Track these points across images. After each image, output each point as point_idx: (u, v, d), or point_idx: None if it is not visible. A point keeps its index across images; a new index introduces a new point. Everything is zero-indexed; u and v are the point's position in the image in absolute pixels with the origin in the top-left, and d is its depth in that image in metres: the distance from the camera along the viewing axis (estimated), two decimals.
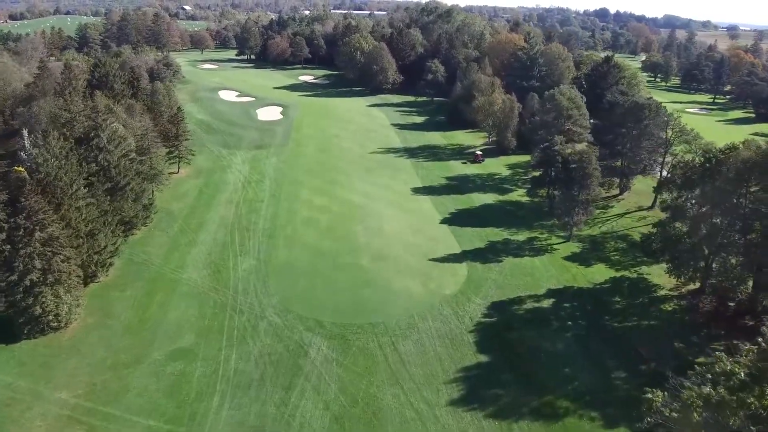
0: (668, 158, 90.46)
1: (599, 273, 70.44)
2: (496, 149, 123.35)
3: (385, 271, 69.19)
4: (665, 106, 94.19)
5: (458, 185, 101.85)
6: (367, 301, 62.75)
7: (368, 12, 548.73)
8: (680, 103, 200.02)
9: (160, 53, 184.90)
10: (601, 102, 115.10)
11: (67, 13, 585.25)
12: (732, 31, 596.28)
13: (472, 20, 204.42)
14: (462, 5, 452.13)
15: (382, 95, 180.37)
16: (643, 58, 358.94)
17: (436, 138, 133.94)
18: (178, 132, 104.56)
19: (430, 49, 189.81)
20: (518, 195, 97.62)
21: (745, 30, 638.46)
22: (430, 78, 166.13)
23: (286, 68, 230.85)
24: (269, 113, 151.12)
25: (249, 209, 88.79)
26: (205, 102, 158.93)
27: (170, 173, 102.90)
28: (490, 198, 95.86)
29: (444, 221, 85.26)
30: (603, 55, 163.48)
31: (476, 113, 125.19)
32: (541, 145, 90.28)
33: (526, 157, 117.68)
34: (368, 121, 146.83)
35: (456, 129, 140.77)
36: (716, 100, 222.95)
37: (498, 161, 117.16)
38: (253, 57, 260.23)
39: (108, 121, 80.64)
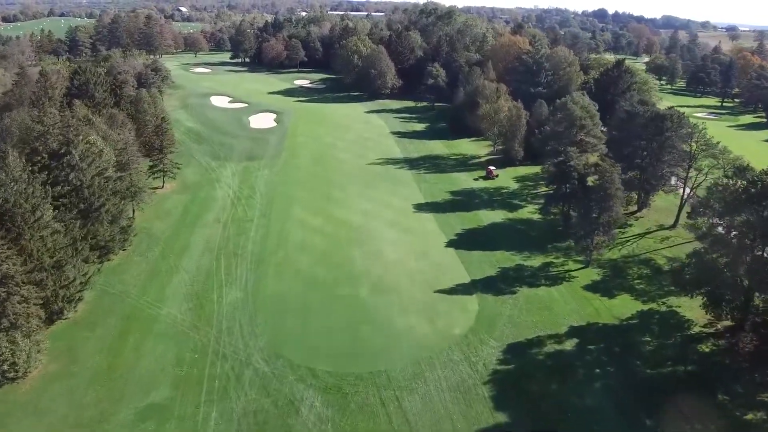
0: (692, 173, 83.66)
1: (624, 306, 63.38)
2: (502, 160, 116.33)
3: (387, 305, 62.01)
4: (688, 117, 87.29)
5: (464, 201, 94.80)
6: (367, 343, 55.58)
7: (366, 13, 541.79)
8: (688, 107, 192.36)
9: (150, 57, 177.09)
10: (612, 109, 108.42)
11: (62, 15, 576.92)
12: (731, 31, 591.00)
13: (473, 22, 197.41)
14: (459, 6, 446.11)
15: (381, 100, 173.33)
16: (646, 59, 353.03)
17: (438, 147, 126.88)
18: (162, 144, 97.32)
19: (430, 52, 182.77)
20: (529, 212, 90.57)
21: (744, 30, 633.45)
22: (430, 83, 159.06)
23: (282, 72, 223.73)
24: (262, 121, 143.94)
25: (237, 230, 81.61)
26: (195, 108, 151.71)
27: (154, 188, 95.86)
28: (498, 215, 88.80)
29: (450, 243, 78.14)
30: (610, 57, 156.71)
31: (481, 121, 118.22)
32: (555, 159, 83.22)
33: (535, 169, 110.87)
34: (366, 129, 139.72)
35: (459, 137, 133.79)
36: (724, 104, 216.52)
37: (505, 173, 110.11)
38: (247, 60, 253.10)
39: (81, 137, 73.24)
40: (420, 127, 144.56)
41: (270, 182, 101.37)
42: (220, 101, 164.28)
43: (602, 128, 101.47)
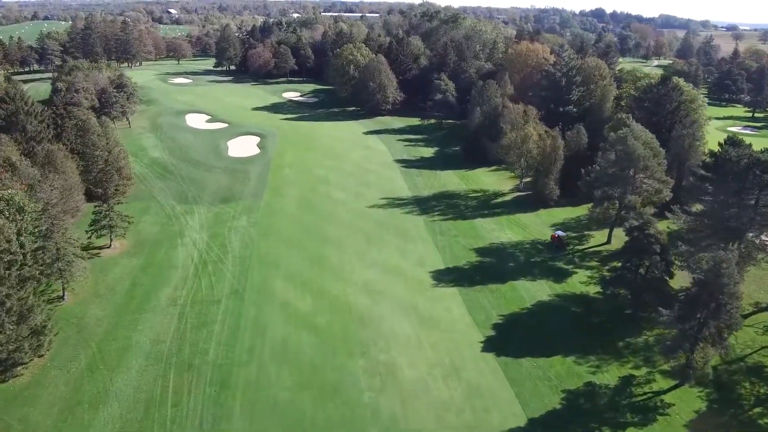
0: None
1: None
2: (531, 199, 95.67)
3: None
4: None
5: (494, 264, 73.89)
6: None
7: (360, 14, 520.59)
8: (717, 119, 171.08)
9: (117, 70, 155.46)
10: (659, 136, 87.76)
11: (45, 18, 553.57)
12: (733, 30, 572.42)
13: (482, 26, 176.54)
14: (455, 6, 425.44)
15: (381, 117, 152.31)
16: (656, 63, 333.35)
17: (452, 180, 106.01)
18: (106, 192, 76.12)
19: (436, 62, 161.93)
20: (581, 282, 69.76)
21: (745, 29, 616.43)
22: (438, 98, 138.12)
23: (269, 82, 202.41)
24: (243, 146, 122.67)
25: (198, 319, 60.54)
26: (166, 131, 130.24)
27: (98, 249, 74.93)
28: (542, 289, 67.96)
29: (488, 344, 57.16)
30: (651, 70, 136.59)
31: (505, 152, 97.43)
32: (627, 224, 62.43)
33: (576, 211, 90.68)
34: (365, 157, 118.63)
35: (475, 166, 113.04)
36: (755, 115, 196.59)
37: (538, 218, 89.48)
38: (232, 68, 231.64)
39: None
40: (428, 152, 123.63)
41: (247, 237, 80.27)
42: (196, 120, 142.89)
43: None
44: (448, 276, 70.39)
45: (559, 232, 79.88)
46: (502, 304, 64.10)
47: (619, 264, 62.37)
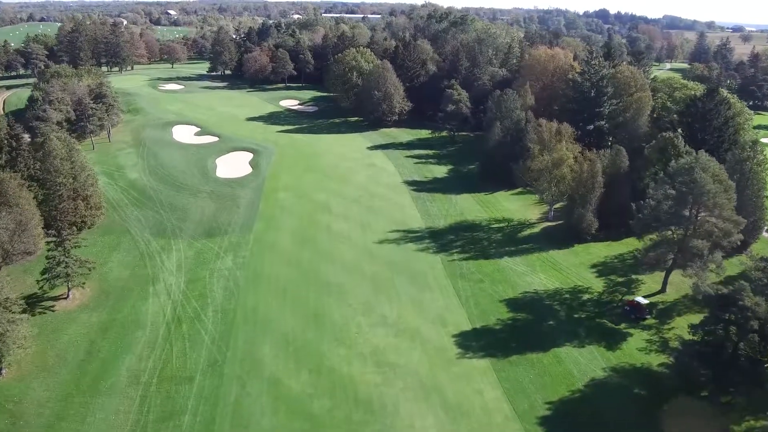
0: None
1: None
2: (564, 231, 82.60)
3: None
4: None
5: (531, 323, 60.81)
6: None
7: (361, 15, 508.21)
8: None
9: (99, 78, 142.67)
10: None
11: (42, 20, 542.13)
12: (739, 32, 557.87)
13: (496, 29, 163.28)
14: (458, 8, 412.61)
15: (386, 129, 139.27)
16: (668, 66, 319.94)
17: (470, 206, 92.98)
18: (61, 234, 63.13)
19: (446, 68, 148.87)
20: (638, 348, 56.67)
21: (752, 30, 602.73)
22: (451, 109, 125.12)
23: (266, 89, 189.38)
24: (233, 165, 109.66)
25: (163, 410, 47.62)
26: (149, 146, 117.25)
27: (51, 302, 62.24)
28: (593, 359, 54.89)
29: None
30: (665, 74, 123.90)
31: (534, 177, 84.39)
32: (700, 286, 49.48)
33: (616, 248, 78.25)
34: (371, 177, 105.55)
35: (494, 188, 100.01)
36: None
37: (574, 257, 76.44)
38: (228, 73, 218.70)
39: None
40: (441, 171, 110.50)
41: (232, 283, 67.34)
42: (184, 133, 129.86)
43: None
44: (477, 341, 57.33)
45: (639, 299, 63.41)
46: (547, 385, 50.99)
47: (695, 336, 49.20)
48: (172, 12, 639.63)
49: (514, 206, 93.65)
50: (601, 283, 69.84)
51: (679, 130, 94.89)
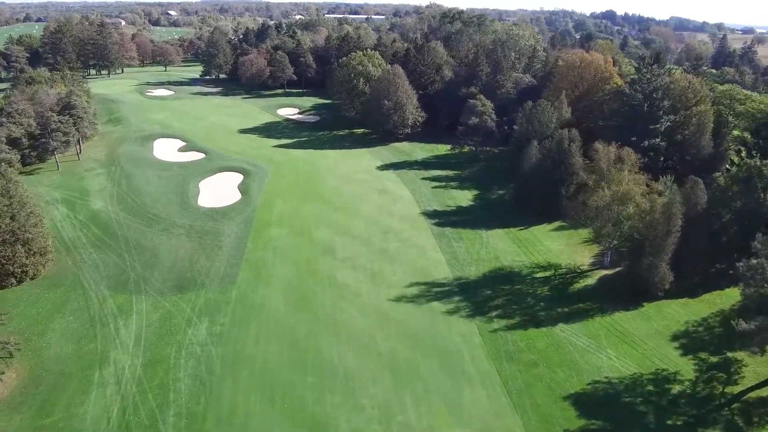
0: None
1: None
2: (626, 283, 65.56)
3: None
4: None
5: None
6: None
7: (365, 16, 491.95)
8: None
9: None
10: None
11: (38, 20, 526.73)
12: (750, 33, 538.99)
13: (519, 30, 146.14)
14: (463, 8, 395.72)
15: (398, 144, 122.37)
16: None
17: (504, 246, 76.00)
18: None
19: (464, 73, 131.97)
20: None
21: (762, 32, 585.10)
22: (474, 122, 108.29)
23: (263, 95, 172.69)
24: (219, 189, 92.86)
25: None
26: (123, 166, 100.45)
27: None
28: None
29: None
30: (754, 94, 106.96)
31: (593, 215, 67.33)
32: None
33: (696, 308, 61.42)
34: (383, 207, 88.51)
35: (529, 220, 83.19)
36: None
37: (646, 322, 59.45)
38: (223, 77, 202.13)
39: None
40: (465, 198, 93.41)
41: (204, 368, 50.51)
42: (166, 149, 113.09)
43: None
44: None
45: None
46: None
47: None
48: (172, 12, 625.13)
49: (558, 246, 76.56)
50: (690, 365, 52.82)
51: (755, 153, 78.22)
